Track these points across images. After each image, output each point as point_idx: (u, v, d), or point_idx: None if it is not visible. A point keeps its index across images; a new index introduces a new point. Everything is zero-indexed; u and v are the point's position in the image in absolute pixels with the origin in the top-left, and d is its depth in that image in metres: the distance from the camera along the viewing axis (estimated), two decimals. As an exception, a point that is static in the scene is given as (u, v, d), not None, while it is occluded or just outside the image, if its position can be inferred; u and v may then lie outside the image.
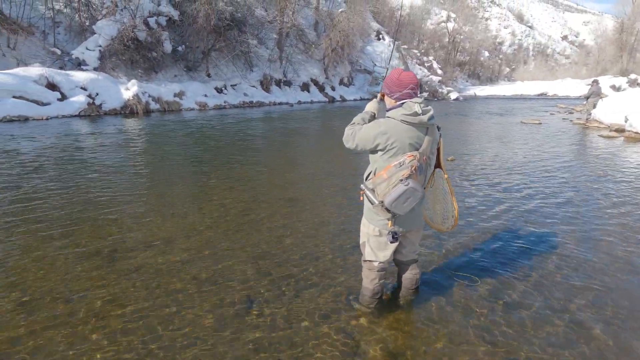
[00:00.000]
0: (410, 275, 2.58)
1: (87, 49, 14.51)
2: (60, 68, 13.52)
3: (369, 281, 2.46)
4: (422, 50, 36.31)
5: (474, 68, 44.60)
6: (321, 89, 23.92)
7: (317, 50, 24.23)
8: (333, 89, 24.80)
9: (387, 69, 3.11)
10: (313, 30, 25.45)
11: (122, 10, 15.46)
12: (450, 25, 39.47)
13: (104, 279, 2.83)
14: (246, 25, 19.30)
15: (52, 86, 12.11)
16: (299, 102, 21.30)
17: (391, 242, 2.26)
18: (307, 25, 24.91)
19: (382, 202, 2.18)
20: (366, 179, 2.32)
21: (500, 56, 53.65)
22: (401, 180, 2.11)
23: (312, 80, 23.50)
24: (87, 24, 15.73)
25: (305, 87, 22.85)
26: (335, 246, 3.44)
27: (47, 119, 11.20)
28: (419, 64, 32.63)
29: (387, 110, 2.27)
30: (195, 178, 5.70)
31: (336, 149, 8.65)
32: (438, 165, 2.43)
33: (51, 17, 15.42)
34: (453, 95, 28.77)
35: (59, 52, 14.55)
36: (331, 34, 23.55)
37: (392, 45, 31.73)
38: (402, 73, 2.22)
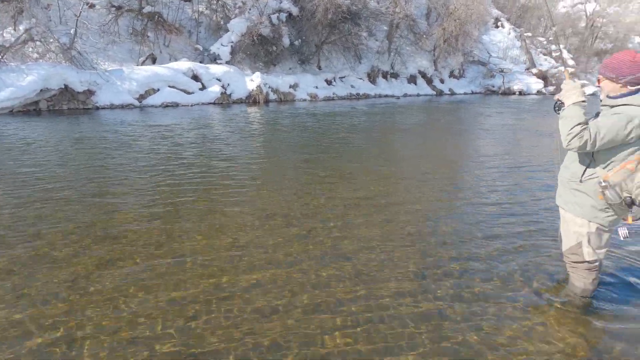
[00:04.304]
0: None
1: (221, 45, 16.58)
2: (201, 62, 15.76)
3: (590, 282, 2.43)
4: (550, 38, 31.87)
5: (618, 57, 37.35)
6: (429, 81, 23.05)
7: (428, 40, 23.29)
8: (442, 81, 23.67)
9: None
10: (425, 19, 24.47)
11: (250, 8, 17.19)
12: (590, 6, 33.66)
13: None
14: (360, 18, 19.58)
15: (195, 78, 14.26)
16: (405, 95, 20.92)
17: (624, 238, 2.22)
18: (419, 15, 24.05)
19: (628, 198, 2.09)
20: (583, 176, 2.23)
21: (657, 42, 43.80)
22: None
23: (419, 72, 22.79)
24: (222, 22, 17.92)
25: (412, 80, 22.30)
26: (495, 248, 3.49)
27: (191, 106, 13.29)
28: (544, 54, 28.87)
29: (613, 98, 2.14)
30: (306, 165, 6.23)
31: (446, 142, 8.41)
32: None
33: (195, 19, 17.99)
34: (589, 90, 24.76)
35: (200, 48, 16.97)
36: (445, 22, 22.36)
37: (511, 33, 28.58)
38: (636, 55, 2.10)
